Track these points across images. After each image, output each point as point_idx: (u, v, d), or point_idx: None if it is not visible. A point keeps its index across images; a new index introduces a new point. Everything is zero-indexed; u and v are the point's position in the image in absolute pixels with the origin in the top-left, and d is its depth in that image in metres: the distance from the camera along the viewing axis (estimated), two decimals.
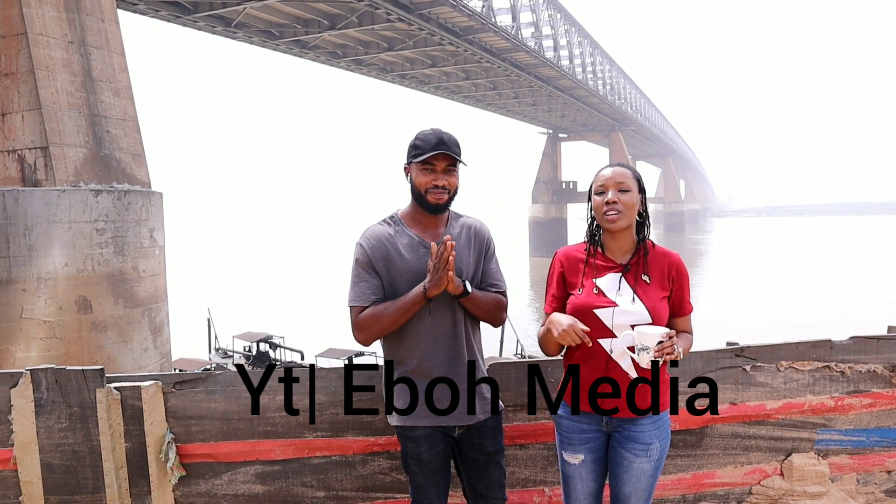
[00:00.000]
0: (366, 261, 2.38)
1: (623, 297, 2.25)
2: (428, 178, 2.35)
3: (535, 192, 59.91)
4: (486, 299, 2.42)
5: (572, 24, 43.00)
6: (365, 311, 2.35)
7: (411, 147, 2.39)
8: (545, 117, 55.94)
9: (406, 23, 24.52)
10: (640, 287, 2.27)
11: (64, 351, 9.65)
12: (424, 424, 2.37)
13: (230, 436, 2.73)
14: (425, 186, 2.36)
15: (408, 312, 2.32)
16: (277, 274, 55.77)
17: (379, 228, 2.44)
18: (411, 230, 2.42)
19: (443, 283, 2.26)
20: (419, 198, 2.39)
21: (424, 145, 2.34)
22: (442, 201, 2.37)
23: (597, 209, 2.30)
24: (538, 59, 34.77)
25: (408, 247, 2.39)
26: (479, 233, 2.50)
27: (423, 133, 2.37)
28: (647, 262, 2.31)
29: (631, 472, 2.27)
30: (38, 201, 9.54)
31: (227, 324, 25.39)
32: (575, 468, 2.35)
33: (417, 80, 37.12)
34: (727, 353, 2.98)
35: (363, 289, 2.38)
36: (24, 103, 10.00)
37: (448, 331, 2.39)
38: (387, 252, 2.38)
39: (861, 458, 3.10)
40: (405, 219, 2.46)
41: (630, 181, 2.28)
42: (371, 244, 2.39)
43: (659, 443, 2.27)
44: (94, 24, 10.92)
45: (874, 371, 3.06)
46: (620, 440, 2.29)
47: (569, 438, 2.36)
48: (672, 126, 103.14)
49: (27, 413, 2.64)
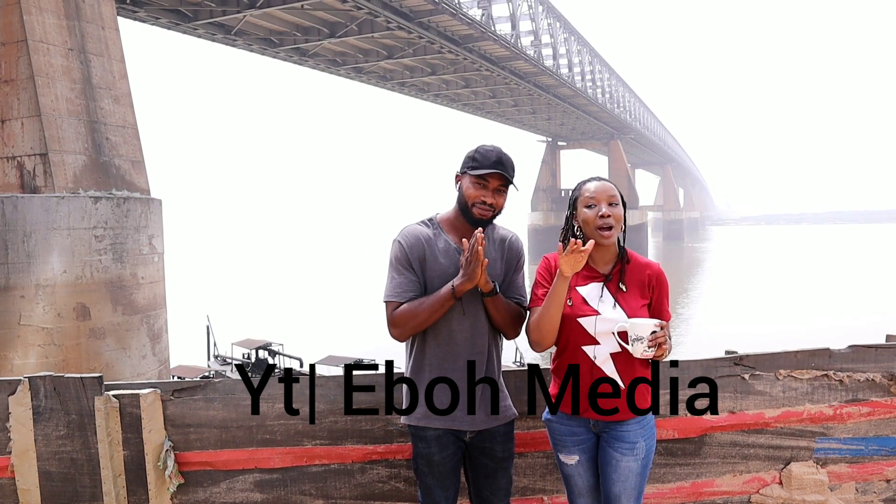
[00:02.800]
0: (404, 257, 2.41)
1: (605, 305, 2.33)
2: (479, 193, 2.39)
3: (534, 199, 59.98)
4: (510, 307, 2.46)
5: (571, 33, 43.15)
6: (401, 307, 2.38)
7: (469, 158, 2.42)
8: (544, 125, 56.06)
9: (406, 31, 24.59)
10: (620, 295, 2.35)
11: (62, 358, 9.64)
12: (437, 426, 2.39)
13: (229, 444, 2.73)
14: (473, 200, 2.39)
15: (441, 309, 2.35)
16: (277, 281, 55.75)
17: (417, 228, 2.47)
18: (448, 235, 2.45)
19: (476, 275, 2.29)
20: (465, 208, 2.42)
21: (483, 160, 2.38)
22: (486, 217, 2.41)
23: (588, 222, 2.33)
24: (537, 68, 34.87)
25: (444, 251, 2.42)
26: (513, 245, 2.54)
27: (485, 148, 2.41)
28: (625, 272, 2.38)
29: (619, 471, 2.35)
30: (37, 208, 9.54)
31: (226, 331, 25.35)
32: (573, 467, 2.44)
33: (417, 88, 37.20)
34: (726, 362, 2.99)
35: (400, 284, 2.40)
36: (23, 110, 10.02)
37: (468, 335, 2.42)
38: (423, 253, 2.41)
39: (860, 467, 3.10)
40: (443, 223, 2.49)
41: (617, 195, 2.36)
42: (409, 242, 2.42)
43: (644, 442, 2.36)
44: (95, 32, 10.95)
45: (873, 380, 3.06)
46: (608, 440, 2.38)
47: (562, 441, 2.45)
48: (671, 134, 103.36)
49: (25, 420, 2.64)
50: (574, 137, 62.29)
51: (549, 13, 38.20)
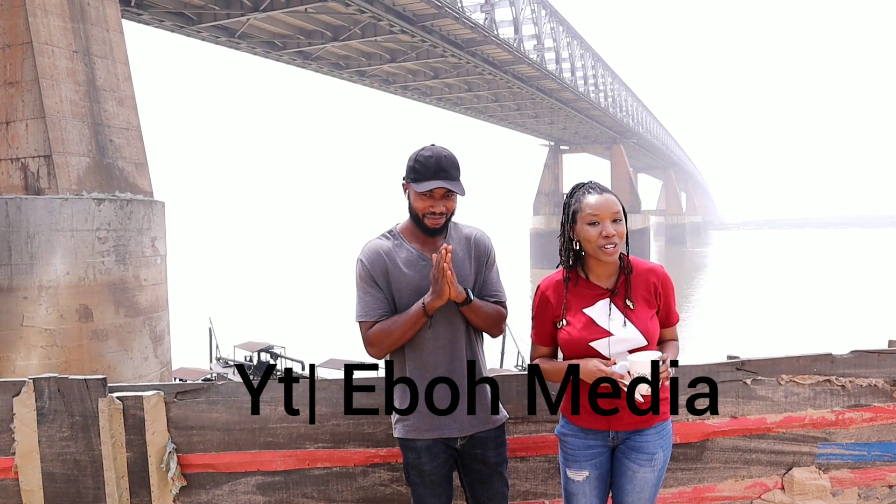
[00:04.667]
0: (367, 275, 2.38)
1: (615, 324, 2.24)
2: (426, 204, 2.34)
3: (536, 203, 59.96)
4: (487, 309, 2.42)
5: (574, 37, 43.19)
6: (374, 326, 2.36)
7: (410, 169, 2.36)
8: (547, 129, 56.06)
9: (409, 35, 24.63)
10: (629, 311, 2.27)
11: (64, 359, 9.65)
12: (425, 437, 2.38)
13: (231, 446, 2.74)
14: (423, 211, 2.35)
15: (414, 327, 2.33)
16: (279, 284, 55.78)
17: (377, 243, 2.43)
18: (410, 244, 2.42)
19: (445, 292, 2.25)
20: (417, 219, 2.39)
21: (424, 171, 2.31)
22: (439, 225, 2.37)
23: (590, 240, 2.23)
24: (540, 72, 34.89)
25: (407, 261, 2.39)
26: (479, 242, 2.49)
27: (423, 156, 2.34)
28: (630, 283, 2.30)
29: (635, 482, 2.30)
30: (40, 209, 9.57)
31: (229, 333, 25.37)
32: (579, 485, 2.35)
33: (420, 92, 37.24)
34: (728, 367, 2.98)
35: (368, 303, 2.38)
36: (28, 112, 10.05)
37: (447, 342, 2.39)
38: (385, 267, 2.38)
39: (862, 473, 3.10)
40: (404, 233, 2.45)
41: (621, 210, 2.27)
42: (370, 259, 2.39)
43: (662, 452, 2.31)
44: (99, 34, 10.99)
45: (875, 385, 3.06)
46: (625, 451, 2.31)
47: (574, 455, 2.36)
48: (673, 138, 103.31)
49: (29, 422, 2.65)
50: (576, 141, 62.28)
51: (553, 17, 38.24)
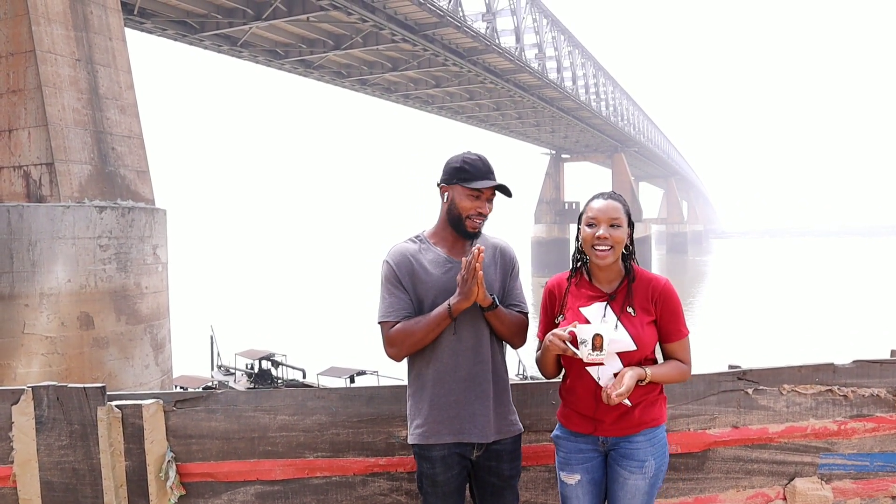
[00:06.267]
0: (393, 276, 2.39)
1: (607, 325, 2.27)
2: (474, 205, 2.37)
3: (537, 212, 59.97)
4: (512, 318, 2.44)
5: (576, 46, 43.30)
6: (396, 326, 2.36)
7: (456, 169, 2.38)
8: (548, 138, 56.15)
9: (410, 43, 24.71)
10: (624, 315, 2.30)
11: (65, 367, 9.64)
12: (444, 442, 2.36)
13: (230, 455, 2.73)
14: (469, 212, 2.37)
15: (437, 328, 2.33)
16: (281, 291, 55.78)
17: (404, 246, 2.45)
18: (436, 248, 2.44)
19: (472, 293, 2.26)
20: (457, 220, 2.40)
21: (475, 171, 2.36)
22: (479, 227, 2.41)
23: (586, 241, 2.31)
24: (541, 81, 34.97)
25: (433, 262, 2.40)
26: (506, 252, 2.52)
27: (470, 157, 2.38)
28: (631, 291, 2.33)
29: (626, 489, 2.31)
30: (42, 217, 9.58)
31: (230, 341, 25.35)
32: (572, 489, 2.39)
33: (421, 100, 37.33)
34: (729, 377, 2.98)
35: (392, 304, 2.38)
36: (30, 120, 10.07)
37: (470, 346, 2.39)
38: (412, 268, 2.39)
39: (865, 483, 3.08)
40: (431, 238, 2.47)
41: (622, 216, 2.30)
42: (396, 260, 2.41)
43: (654, 460, 2.31)
44: (102, 43, 11.03)
45: (877, 395, 3.05)
46: (616, 458, 2.34)
47: (567, 459, 2.40)
48: (675, 147, 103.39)
49: (28, 430, 2.64)
50: (578, 150, 62.35)
51: (554, 26, 38.36)
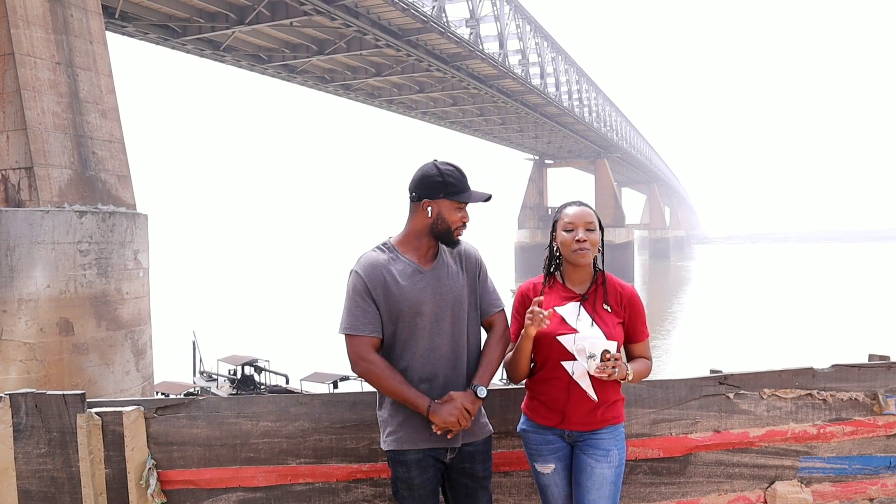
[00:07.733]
0: (363, 288, 2.35)
1: (582, 324, 2.46)
2: (462, 216, 2.40)
3: (521, 217, 60.14)
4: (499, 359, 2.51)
5: (559, 52, 43.53)
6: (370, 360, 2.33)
7: (441, 183, 2.36)
8: (531, 143, 56.35)
9: (394, 49, 24.71)
10: (597, 314, 2.48)
11: (44, 373, 9.52)
12: (418, 447, 2.36)
13: (212, 462, 2.71)
14: (457, 224, 2.40)
15: (404, 402, 2.34)
16: (263, 297, 55.46)
17: (374, 255, 2.41)
18: (405, 256, 2.41)
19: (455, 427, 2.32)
20: (445, 233, 2.40)
21: (459, 183, 2.38)
22: (461, 236, 2.46)
23: (566, 245, 2.48)
24: (525, 86, 35.10)
25: (403, 273, 2.38)
26: (470, 255, 2.51)
27: (449, 170, 2.39)
28: (606, 292, 2.51)
29: (594, 478, 2.42)
30: (21, 222, 9.46)
31: (212, 347, 25.16)
32: (549, 477, 2.52)
33: (405, 106, 37.34)
34: (710, 381, 3.00)
35: (358, 317, 2.34)
36: (9, 123, 9.96)
37: (447, 353, 2.39)
38: (384, 279, 2.36)
39: (843, 486, 3.11)
40: (399, 246, 2.44)
41: (595, 220, 2.50)
42: (367, 272, 2.36)
43: (617, 451, 2.47)
44: (82, 46, 10.93)
45: (856, 399, 3.09)
46: (583, 448, 2.47)
47: (538, 451, 2.53)
48: (657, 153, 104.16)
49: (5, 438, 2.60)
50: (561, 156, 62.64)
51: (537, 33, 38.53)
